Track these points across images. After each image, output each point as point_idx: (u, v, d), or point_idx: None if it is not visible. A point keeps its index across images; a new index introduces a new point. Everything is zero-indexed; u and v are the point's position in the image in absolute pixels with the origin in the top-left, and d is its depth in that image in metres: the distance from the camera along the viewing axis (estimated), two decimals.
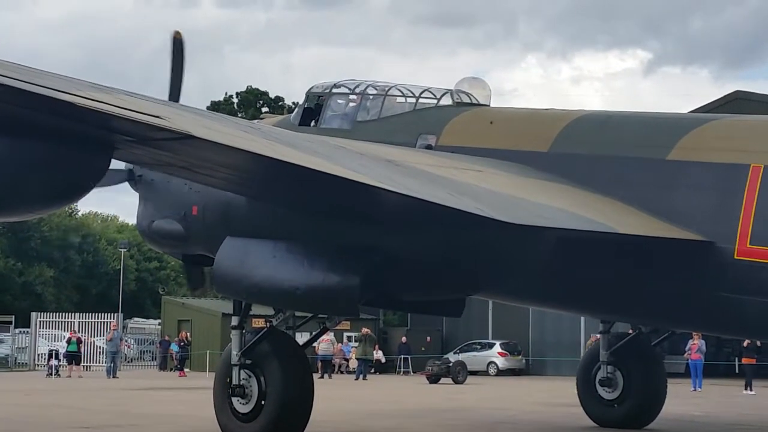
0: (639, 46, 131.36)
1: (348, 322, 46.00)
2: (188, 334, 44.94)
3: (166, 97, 14.14)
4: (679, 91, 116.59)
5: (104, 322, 46.49)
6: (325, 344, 41.69)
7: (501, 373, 44.16)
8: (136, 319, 60.17)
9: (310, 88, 15.95)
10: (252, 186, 11.91)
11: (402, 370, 45.41)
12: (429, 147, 14.29)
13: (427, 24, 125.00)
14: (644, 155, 12.73)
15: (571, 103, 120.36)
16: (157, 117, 8.91)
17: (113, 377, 37.57)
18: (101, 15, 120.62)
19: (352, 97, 15.48)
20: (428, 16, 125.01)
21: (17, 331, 49.55)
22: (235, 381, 12.39)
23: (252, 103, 73.70)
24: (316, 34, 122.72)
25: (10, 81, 8.34)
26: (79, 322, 47.22)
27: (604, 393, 16.49)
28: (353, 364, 42.46)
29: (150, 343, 53.66)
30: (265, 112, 44.67)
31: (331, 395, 25.53)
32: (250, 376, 12.37)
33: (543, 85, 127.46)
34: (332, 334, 43.29)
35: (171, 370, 44.33)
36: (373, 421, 17.43)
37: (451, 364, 36.85)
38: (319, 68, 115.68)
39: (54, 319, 49.27)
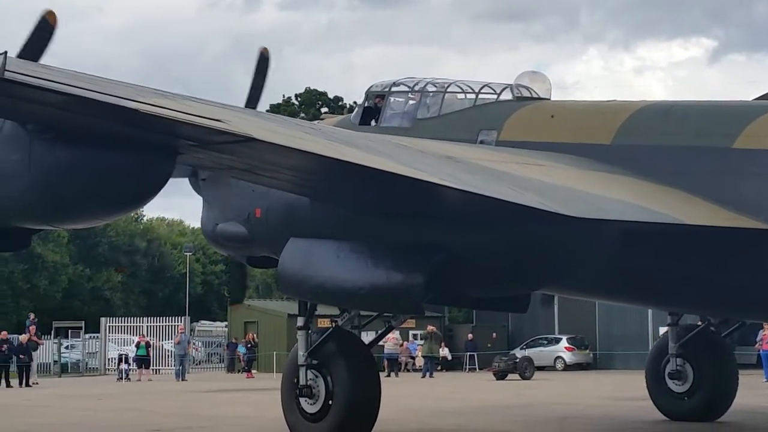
0: (703, 34, 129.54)
1: (413, 320, 45.95)
2: (255, 335, 45.22)
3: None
4: (745, 78, 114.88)
5: (172, 325, 46.98)
6: (391, 343, 41.75)
7: (568, 367, 43.84)
8: (203, 321, 60.71)
9: (370, 87, 16.00)
10: (314, 187, 11.97)
11: (468, 367, 45.29)
12: (490, 142, 14.18)
13: (487, 20, 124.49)
14: (710, 144, 12.53)
15: (634, 93, 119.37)
16: (219, 121, 9.04)
17: (182, 380, 37.95)
18: (165, 22, 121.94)
19: (411, 95, 15.47)
20: (489, 12, 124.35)
21: (87, 336, 50.27)
22: (302, 381, 12.51)
23: (312, 104, 74.03)
24: (377, 33, 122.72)
25: (76, 90, 8.53)
26: (147, 326, 47.78)
27: (674, 386, 16.43)
28: (419, 362, 42.44)
29: (217, 346, 54.07)
30: (325, 113, 44.85)
31: (397, 393, 25.55)
32: (317, 377, 12.48)
33: (605, 76, 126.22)
34: (398, 332, 43.35)
35: (239, 371, 44.61)
36: (441, 419, 17.42)
37: (517, 360, 36.67)
38: (379, 67, 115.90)
39: (123, 324, 49.91)
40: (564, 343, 44.97)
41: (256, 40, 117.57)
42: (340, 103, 75.77)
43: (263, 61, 14.65)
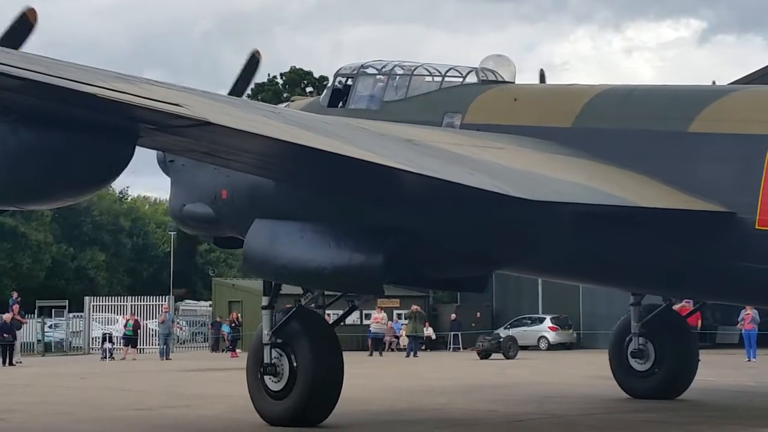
0: (692, 15, 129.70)
1: (398, 300, 46.06)
2: (239, 315, 45.22)
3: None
4: (734, 59, 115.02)
5: (156, 304, 46.95)
6: (377, 323, 41.87)
7: (552, 347, 44.02)
8: (187, 301, 60.69)
9: (338, 70, 16.10)
10: (274, 169, 12.18)
11: (452, 346, 45.41)
12: (454, 125, 14.34)
13: None
14: (666, 128, 12.69)
15: (622, 74, 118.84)
16: (177, 105, 9.26)
17: (166, 359, 37.98)
18: (153, 0, 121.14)
19: (379, 77, 15.59)
20: None
21: (71, 315, 50.20)
22: (266, 360, 12.71)
23: (297, 83, 73.79)
24: (366, 12, 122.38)
25: (35, 75, 8.70)
26: (131, 305, 47.74)
27: (636, 364, 16.74)
28: (404, 341, 42.52)
29: (202, 325, 54.10)
30: (307, 92, 44.60)
31: (382, 373, 25.64)
32: (281, 355, 12.69)
33: (594, 56, 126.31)
34: (384, 312, 43.43)
35: (223, 351, 44.66)
36: (425, 398, 17.47)
37: (501, 340, 36.77)
38: (368, 46, 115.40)
39: (107, 303, 49.84)
40: (548, 323, 45.12)
41: (246, 19, 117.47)
42: (325, 83, 75.51)
43: (253, 63, 14.97)
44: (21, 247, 64.64)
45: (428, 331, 45.00)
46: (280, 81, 74.47)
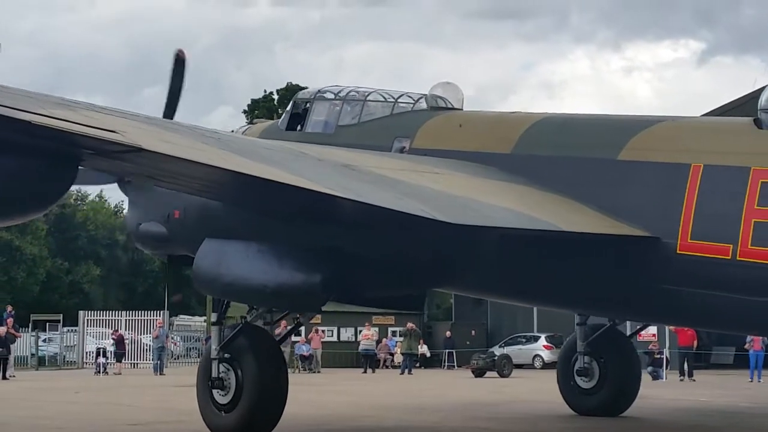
0: (691, 36, 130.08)
1: (393, 317, 46.04)
2: None
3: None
4: (732, 80, 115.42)
5: (150, 319, 46.84)
6: (366, 340, 41.88)
7: (547, 366, 43.85)
8: (182, 316, 60.54)
9: (297, 94, 16.87)
10: (213, 192, 12.66)
11: (447, 364, 45.36)
12: (403, 150, 15.00)
13: (478, 18, 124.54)
14: (598, 155, 13.25)
15: (620, 94, 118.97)
16: (112, 131, 9.73)
17: (160, 374, 37.88)
18: (156, 14, 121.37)
19: (334, 102, 16.25)
20: (479, 11, 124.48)
21: (65, 329, 50.07)
22: (214, 374, 13.21)
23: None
24: (368, 30, 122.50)
25: None
26: (125, 320, 47.62)
27: (582, 382, 17.28)
28: (398, 358, 42.48)
29: (196, 340, 53.96)
30: (253, 121, 44.21)
31: (375, 390, 25.60)
32: (228, 370, 13.16)
33: (592, 76, 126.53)
34: (374, 329, 43.41)
35: None
36: (419, 415, 17.45)
37: (496, 358, 36.76)
38: (369, 64, 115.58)
39: (101, 317, 49.70)
40: (542, 341, 45.08)
41: (248, 35, 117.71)
42: None
43: (179, 63, 15.34)
44: (16, 260, 64.50)
45: (423, 349, 44.96)
46: (276, 97, 74.55)
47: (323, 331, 42.71)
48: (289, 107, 17.00)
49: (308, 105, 16.42)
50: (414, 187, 12.07)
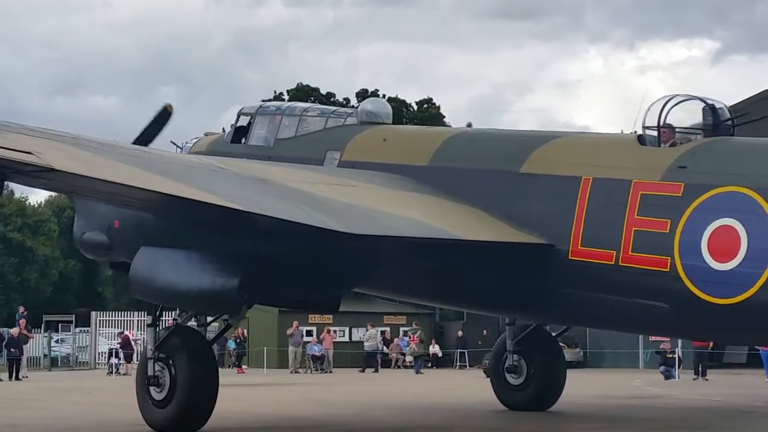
0: (706, 35, 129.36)
1: (404, 317, 46.01)
2: (244, 330, 45.15)
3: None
4: (747, 78, 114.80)
5: (163, 320, 46.79)
6: (370, 341, 41.92)
7: None
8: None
9: (241, 109, 18.13)
10: (131, 206, 13.73)
11: (459, 364, 45.31)
12: (334, 161, 16.32)
13: (493, 17, 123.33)
14: (502, 168, 14.38)
15: (633, 92, 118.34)
16: (28, 153, 10.73)
17: None
18: (171, 15, 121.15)
19: (274, 117, 17.58)
20: (494, 10, 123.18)
21: (78, 330, 50.18)
22: (150, 372, 14.05)
23: (303, 100, 73.83)
24: (382, 29, 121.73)
25: None
26: (138, 320, 47.66)
27: (511, 379, 18.14)
28: (410, 358, 42.47)
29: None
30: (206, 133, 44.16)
31: (388, 390, 25.56)
32: (163, 368, 14.00)
33: (606, 75, 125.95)
34: (377, 329, 43.40)
35: (228, 366, 44.56)
36: (431, 416, 17.43)
37: None
38: (383, 64, 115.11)
39: (113, 318, 49.77)
40: None
41: (261, 35, 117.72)
42: (332, 99, 75.63)
43: (164, 115, 16.54)
44: (28, 261, 64.68)
45: (435, 349, 44.92)
46: (286, 97, 74.57)
47: (335, 331, 42.72)
48: (233, 121, 18.21)
49: (251, 119, 17.71)
50: (321, 199, 13.13)
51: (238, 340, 43.85)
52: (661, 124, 13.17)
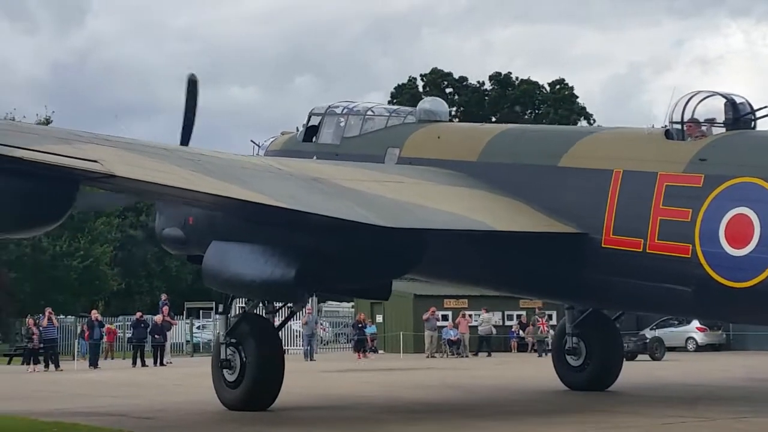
0: None
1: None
2: (365, 316, 44.50)
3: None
4: None
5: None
6: (484, 325, 41.53)
7: (700, 348, 42.93)
8: (330, 302, 61.33)
9: (312, 109, 19.35)
10: (192, 205, 15.07)
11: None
12: (394, 158, 17.48)
13: None
14: (543, 163, 15.51)
15: None
16: (94, 161, 11.76)
17: (311, 360, 38.38)
18: (307, 4, 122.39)
19: (341, 116, 18.86)
20: None
21: (217, 317, 51.21)
22: (222, 356, 15.38)
23: (437, 85, 73.85)
24: (516, 12, 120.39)
25: None
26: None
27: (571, 360, 18.99)
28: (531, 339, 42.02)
29: (344, 326, 54.51)
30: (283, 132, 43.83)
31: (523, 373, 25.39)
32: (234, 352, 15.28)
33: (748, 50, 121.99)
34: (492, 313, 42.65)
35: (365, 352, 44.74)
36: (563, 397, 17.23)
37: (647, 341, 36.07)
38: (517, 47, 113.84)
39: None
40: (695, 323, 43.84)
41: (395, 21, 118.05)
42: (465, 83, 75.43)
43: (192, 85, 17.28)
44: None
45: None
46: (420, 83, 74.66)
47: (470, 315, 42.55)
48: (305, 121, 19.42)
49: (321, 119, 18.95)
50: (368, 195, 14.19)
51: (359, 326, 43.13)
52: (686, 119, 14.17)
